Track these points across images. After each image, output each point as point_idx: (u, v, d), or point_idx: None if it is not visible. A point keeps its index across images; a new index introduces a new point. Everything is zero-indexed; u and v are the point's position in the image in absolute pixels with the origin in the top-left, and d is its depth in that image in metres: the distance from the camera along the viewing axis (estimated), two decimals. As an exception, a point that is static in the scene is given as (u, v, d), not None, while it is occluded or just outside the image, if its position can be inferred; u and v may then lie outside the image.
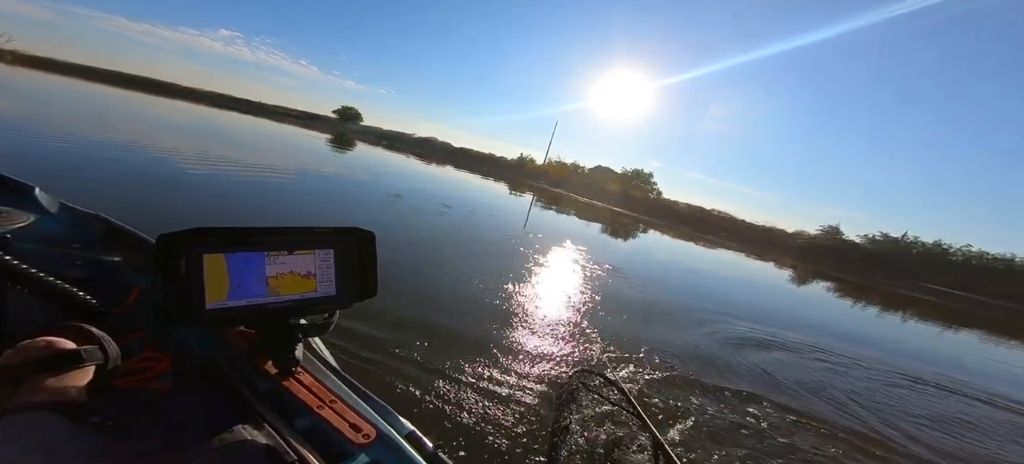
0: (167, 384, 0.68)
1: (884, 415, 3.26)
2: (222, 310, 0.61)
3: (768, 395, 3.03)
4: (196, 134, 12.93)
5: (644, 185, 50.83)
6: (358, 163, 15.90)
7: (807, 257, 29.19)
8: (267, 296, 0.65)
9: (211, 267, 0.60)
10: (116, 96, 22.38)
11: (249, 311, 0.64)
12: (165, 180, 5.58)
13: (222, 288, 0.61)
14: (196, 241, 0.59)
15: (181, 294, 0.58)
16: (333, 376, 0.72)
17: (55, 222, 1.08)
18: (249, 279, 0.63)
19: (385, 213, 7.01)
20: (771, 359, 3.92)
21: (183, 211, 4.37)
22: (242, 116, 32.63)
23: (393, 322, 2.75)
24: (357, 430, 0.59)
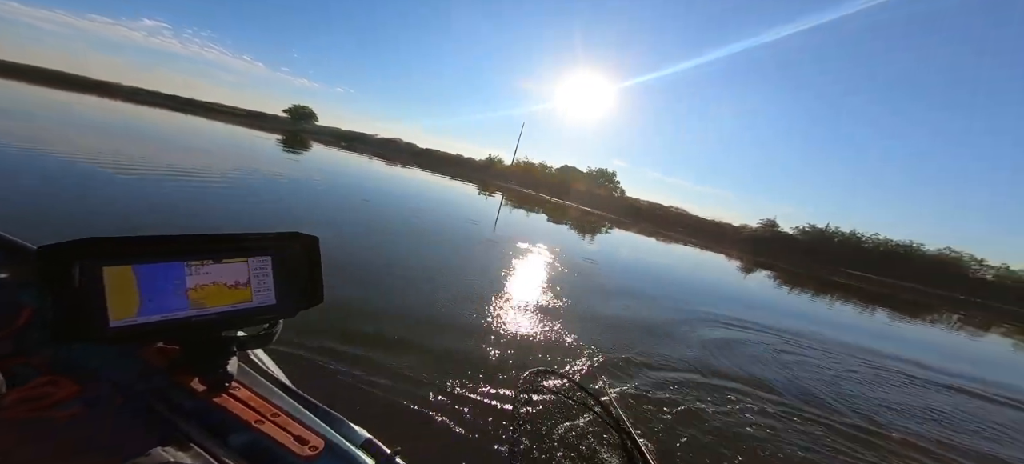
0: (72, 411, 0.61)
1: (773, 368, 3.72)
2: (130, 327, 0.56)
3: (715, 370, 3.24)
4: (112, 133, 11.24)
5: (608, 184, 53.09)
6: (314, 165, 14.79)
7: (750, 248, 32.22)
8: (189, 309, 0.60)
9: (115, 280, 0.55)
10: (9, 89, 18.72)
11: (166, 326, 0.59)
12: (72, 187, 4.77)
13: (130, 303, 0.56)
14: (91, 252, 0.53)
15: (76, 311, 0.53)
16: (277, 389, 0.67)
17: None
18: (164, 292, 0.58)
19: (352, 219, 6.56)
20: (726, 338, 4.24)
21: (93, 220, 3.76)
22: (172, 114, 29.05)
23: (358, 331, 2.61)
24: (303, 442, 0.56)
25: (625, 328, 4.03)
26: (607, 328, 3.85)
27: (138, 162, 7.44)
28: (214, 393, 0.63)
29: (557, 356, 2.94)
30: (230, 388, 0.65)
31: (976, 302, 27.21)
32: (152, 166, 7.25)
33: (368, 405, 1.94)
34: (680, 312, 5.28)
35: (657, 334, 4.05)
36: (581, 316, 4.07)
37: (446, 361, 2.52)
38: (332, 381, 2.04)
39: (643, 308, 5.07)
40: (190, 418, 0.60)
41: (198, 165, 8.50)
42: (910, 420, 3.36)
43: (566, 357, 2.97)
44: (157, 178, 6.37)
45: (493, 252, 6.56)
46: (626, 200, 47.71)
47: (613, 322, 4.13)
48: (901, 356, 5.69)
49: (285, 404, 0.64)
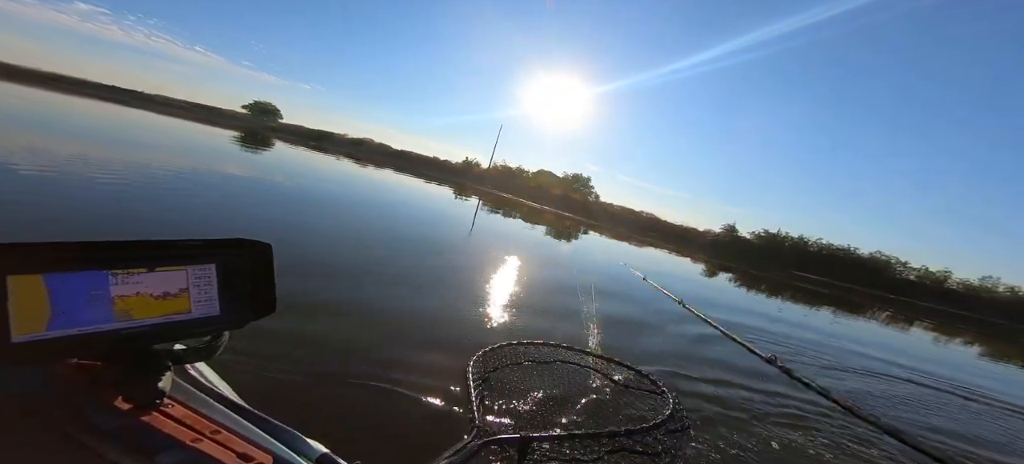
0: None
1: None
2: (39, 342, 0.52)
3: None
4: (31, 126, 9.87)
5: (583, 189, 54.52)
6: (279, 165, 13.87)
7: (714, 252, 34.40)
8: (113, 321, 0.56)
9: (21, 291, 0.51)
10: None
11: (83, 340, 0.54)
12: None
13: (38, 316, 0.52)
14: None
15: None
16: (219, 405, 0.63)
17: None
18: (81, 303, 0.54)
19: (319, 221, 6.19)
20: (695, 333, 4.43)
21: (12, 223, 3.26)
22: (105, 105, 26.08)
23: (326, 339, 2.39)
24: (247, 459, 0.53)
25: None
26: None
27: (60, 159, 6.58)
28: (142, 411, 0.59)
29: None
30: (162, 405, 0.60)
31: (902, 300, 30.72)
32: (82, 164, 6.44)
33: (327, 419, 1.72)
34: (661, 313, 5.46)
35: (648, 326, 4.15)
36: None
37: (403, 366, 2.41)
38: (286, 393, 1.81)
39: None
40: (111, 440, 0.54)
41: (135, 164, 7.67)
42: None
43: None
44: (84, 178, 5.63)
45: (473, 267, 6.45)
46: (601, 205, 49.22)
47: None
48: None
49: (228, 420, 0.60)
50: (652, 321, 5.18)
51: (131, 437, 0.56)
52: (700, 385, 2.70)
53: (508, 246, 8.91)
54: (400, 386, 1.95)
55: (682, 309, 6.29)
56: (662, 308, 6.27)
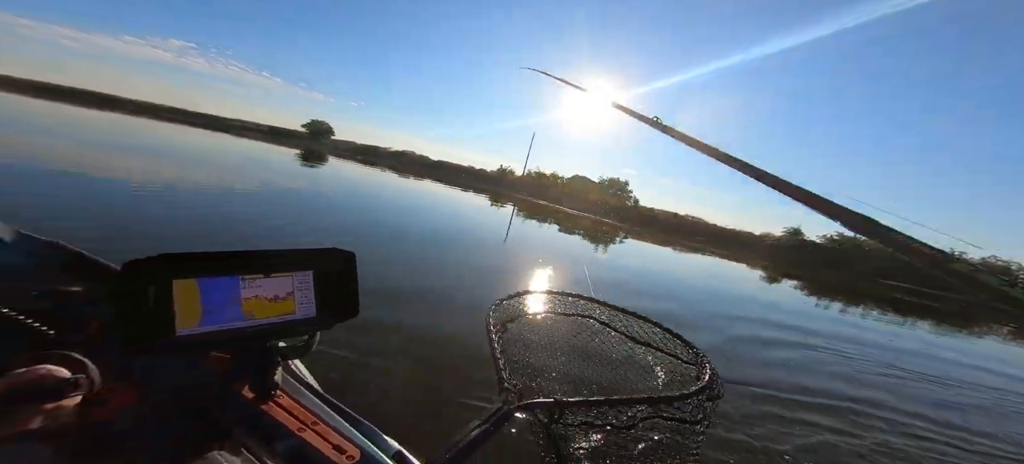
0: (133, 416, 0.67)
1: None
2: (194, 336, 0.60)
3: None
4: (159, 154, 11.78)
5: (621, 193, 52.42)
6: (341, 181, 15.12)
7: (774, 257, 30.93)
8: (243, 320, 0.64)
9: (182, 293, 0.59)
10: (62, 113, 20.20)
11: (223, 336, 0.63)
12: (131, 205, 5.03)
13: (194, 314, 0.60)
14: (165, 267, 0.58)
15: (147, 321, 0.57)
16: (315, 398, 0.70)
17: (12, 251, 1.07)
18: (223, 304, 0.63)
19: (380, 230, 6.61)
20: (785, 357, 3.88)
21: (150, 237, 3.92)
22: (203, 132, 30.61)
23: (387, 340, 2.59)
24: (341, 451, 0.59)
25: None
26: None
27: (189, 183, 7.72)
28: (262, 400, 0.66)
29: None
30: (275, 396, 0.68)
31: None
32: (196, 185, 7.51)
33: (396, 416, 1.90)
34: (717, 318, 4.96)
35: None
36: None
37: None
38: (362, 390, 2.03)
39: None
40: (241, 424, 0.63)
41: (231, 183, 8.76)
42: None
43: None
44: (198, 195, 6.60)
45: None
46: (640, 210, 46.88)
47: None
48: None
49: (323, 413, 0.67)
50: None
51: (254, 422, 0.63)
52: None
53: (540, 253, 8.75)
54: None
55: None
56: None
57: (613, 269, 8.36)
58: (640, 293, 6.10)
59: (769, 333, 5.18)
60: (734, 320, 5.52)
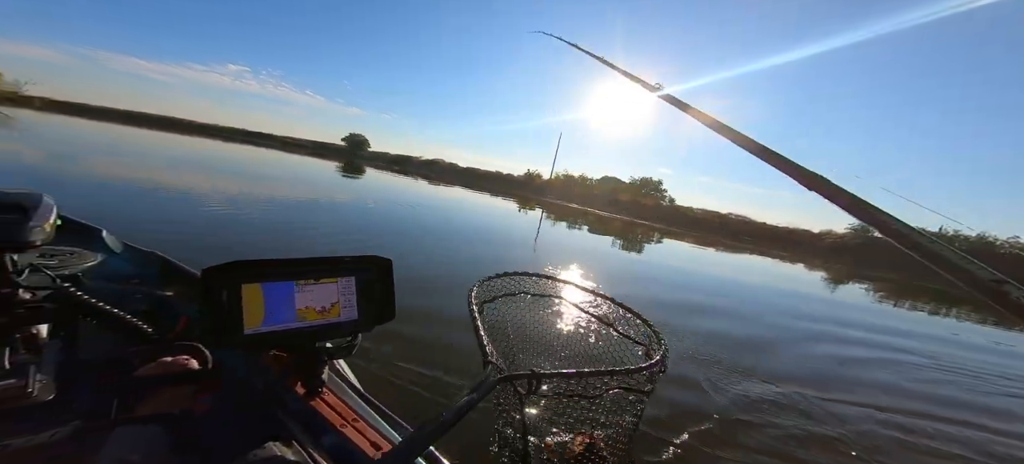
0: (211, 402, 0.75)
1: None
2: (257, 335, 0.66)
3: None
4: (224, 171, 12.98)
5: (655, 193, 49.91)
6: (377, 190, 15.85)
7: (838, 257, 27.55)
8: (296, 321, 0.70)
9: (248, 296, 0.66)
10: (141, 137, 23.38)
11: (281, 335, 0.69)
12: (205, 216, 5.59)
13: (258, 315, 0.66)
14: (236, 273, 0.65)
15: (222, 320, 0.63)
16: (356, 396, 0.75)
17: (120, 260, 1.24)
18: (281, 306, 0.68)
19: (416, 238, 6.72)
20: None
21: (220, 245, 4.28)
22: (257, 149, 33.83)
23: (418, 341, 2.60)
24: (377, 448, 0.62)
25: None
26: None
27: (246, 195, 8.43)
28: (311, 397, 0.72)
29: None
30: (322, 393, 0.73)
31: None
32: (257, 197, 8.15)
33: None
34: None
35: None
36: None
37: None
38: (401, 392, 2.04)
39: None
40: (293, 417, 0.69)
41: (282, 195, 9.38)
42: None
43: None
44: (259, 205, 7.15)
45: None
46: (677, 209, 44.23)
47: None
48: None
49: (362, 410, 0.72)
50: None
51: (305, 417, 0.69)
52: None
53: (568, 256, 8.38)
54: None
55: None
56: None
57: (647, 278, 7.75)
58: (690, 310, 5.52)
59: (857, 351, 4.42)
60: (809, 334, 4.79)
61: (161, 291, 1.07)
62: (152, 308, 0.97)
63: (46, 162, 8.51)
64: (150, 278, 1.14)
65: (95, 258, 1.15)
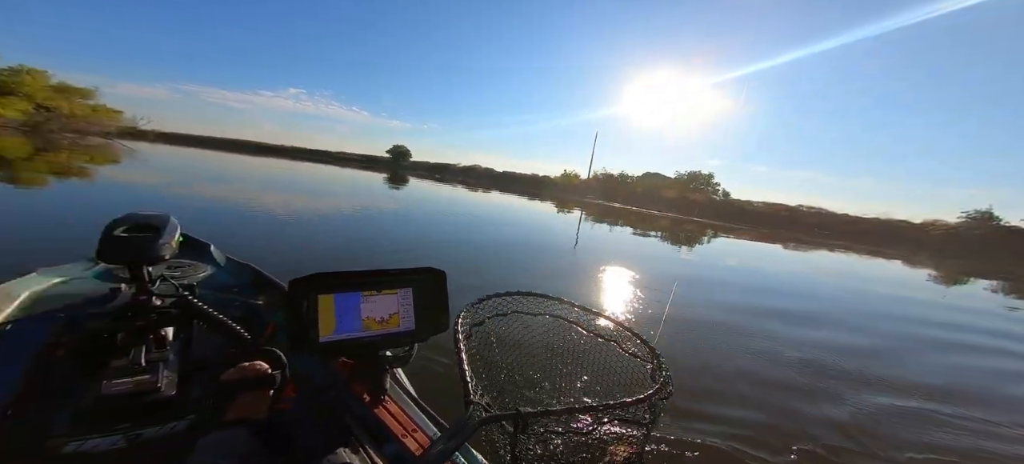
0: (290, 405, 0.78)
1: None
2: (330, 343, 0.71)
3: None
4: (299, 189, 14.44)
5: (705, 187, 45.84)
6: (420, 199, 16.59)
7: (948, 251, 22.80)
8: (361, 331, 0.74)
9: (323, 306, 0.70)
10: (228, 160, 27.12)
11: (349, 344, 0.73)
12: (275, 230, 6.14)
13: (330, 323, 0.71)
14: (314, 284, 0.70)
15: (304, 328, 0.69)
16: (414, 406, 0.78)
17: (223, 272, 1.37)
18: (349, 316, 0.73)
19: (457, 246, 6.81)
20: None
21: (290, 257, 4.60)
22: (316, 165, 37.54)
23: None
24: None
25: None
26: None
27: (310, 209, 9.29)
28: (375, 404, 0.76)
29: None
30: (384, 401, 0.77)
31: None
32: (321, 211, 8.94)
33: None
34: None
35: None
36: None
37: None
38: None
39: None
40: (359, 423, 0.73)
41: (336, 207, 10.15)
42: None
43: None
44: (324, 219, 7.81)
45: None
46: (732, 203, 40.16)
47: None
48: None
49: (420, 420, 0.74)
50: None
51: (369, 424, 0.72)
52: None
53: (616, 259, 7.86)
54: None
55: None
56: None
57: (713, 282, 6.93)
58: (778, 316, 4.81)
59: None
60: (942, 343, 3.84)
61: (253, 300, 1.18)
62: (246, 315, 1.06)
63: (160, 185, 10.14)
64: (245, 288, 1.26)
65: (206, 270, 1.30)
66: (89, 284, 1.16)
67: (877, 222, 29.80)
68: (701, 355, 2.92)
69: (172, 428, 0.70)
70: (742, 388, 2.46)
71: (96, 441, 0.65)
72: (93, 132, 33.54)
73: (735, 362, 2.88)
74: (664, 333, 3.12)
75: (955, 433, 2.24)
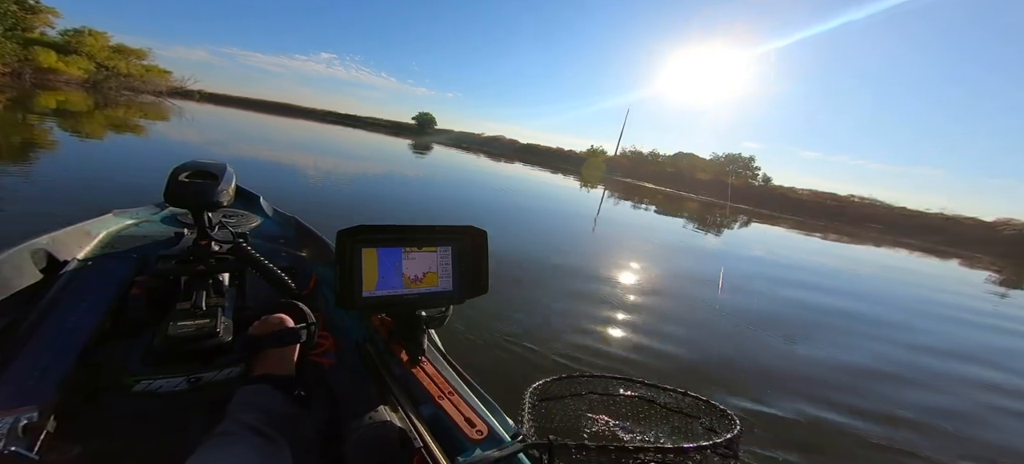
0: (331, 361, 0.81)
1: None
2: (372, 298, 0.70)
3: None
4: (328, 151, 15.05)
5: (744, 171, 42.68)
6: (446, 166, 16.77)
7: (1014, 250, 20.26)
8: (402, 288, 0.72)
9: (367, 260, 0.69)
10: (269, 121, 28.18)
11: (389, 301, 0.72)
12: (312, 186, 6.53)
13: (373, 279, 0.69)
14: (360, 236, 0.69)
15: (349, 282, 0.67)
16: (450, 369, 0.76)
17: (271, 223, 1.41)
18: (390, 272, 0.71)
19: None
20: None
21: (331, 212, 4.83)
22: (348, 130, 38.46)
23: (500, 318, 2.41)
24: (471, 425, 0.62)
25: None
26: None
27: (343, 170, 9.77)
28: (413, 365, 0.74)
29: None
30: (421, 362, 0.75)
31: None
32: (348, 172, 9.43)
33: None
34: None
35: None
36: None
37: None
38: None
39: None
40: (398, 383, 0.70)
41: (369, 170, 10.57)
42: None
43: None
44: (354, 180, 8.17)
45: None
46: (772, 190, 37.37)
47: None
48: None
49: (456, 384, 0.71)
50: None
51: (407, 384, 0.70)
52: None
53: (639, 246, 7.70)
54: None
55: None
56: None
57: (757, 277, 6.67)
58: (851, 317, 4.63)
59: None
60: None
61: (297, 251, 1.21)
62: (292, 265, 1.06)
63: (209, 142, 10.94)
64: (290, 239, 1.28)
65: (257, 220, 1.35)
66: (157, 227, 1.22)
67: (941, 218, 26.74)
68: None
69: (228, 374, 0.71)
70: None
71: (161, 382, 0.67)
72: (147, 90, 35.80)
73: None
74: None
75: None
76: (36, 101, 13.51)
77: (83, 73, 30.38)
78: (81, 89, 27.05)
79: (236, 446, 0.44)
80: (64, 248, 0.96)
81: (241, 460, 0.43)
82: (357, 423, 0.61)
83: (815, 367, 2.55)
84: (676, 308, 3.32)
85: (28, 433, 0.51)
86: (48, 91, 19.63)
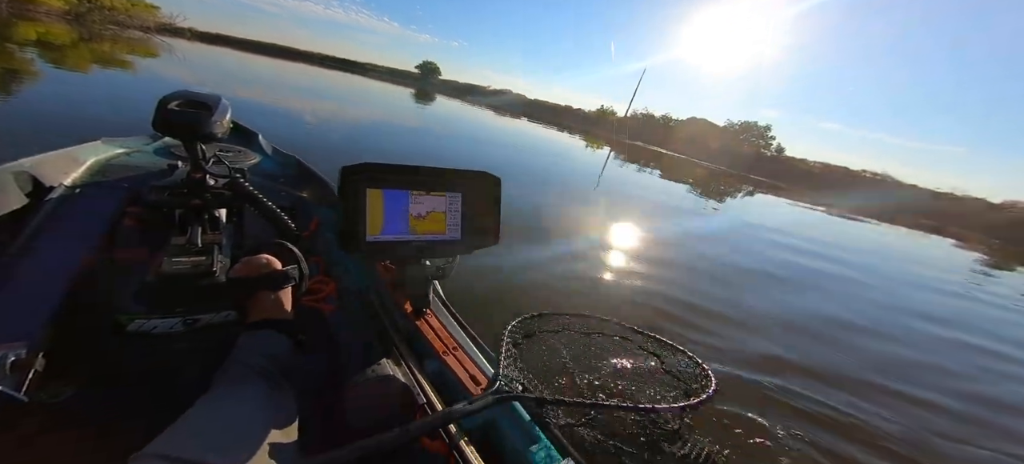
0: (332, 306, 0.78)
1: None
2: (376, 243, 0.66)
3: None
4: (326, 96, 14.44)
5: (760, 140, 41.07)
6: (449, 118, 16.18)
7: (1015, 235, 20.18)
8: (408, 233, 0.68)
9: (372, 201, 0.65)
10: (266, 64, 26.45)
11: (394, 246, 0.68)
12: (312, 129, 6.42)
13: (378, 222, 0.66)
14: (365, 175, 0.65)
15: (352, 223, 0.64)
16: (454, 323, 0.74)
17: (270, 161, 1.36)
18: (396, 215, 0.67)
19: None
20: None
21: (333, 154, 4.73)
22: (347, 75, 36.41)
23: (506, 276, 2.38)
24: (475, 382, 0.62)
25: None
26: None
27: (341, 116, 9.46)
28: (417, 317, 0.72)
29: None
30: (425, 315, 0.73)
31: None
32: (352, 119, 9.11)
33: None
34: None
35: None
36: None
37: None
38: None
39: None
40: (401, 335, 0.68)
41: (364, 116, 10.23)
42: None
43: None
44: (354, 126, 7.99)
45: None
46: (781, 160, 36.30)
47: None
48: None
49: (460, 339, 0.70)
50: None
51: (411, 337, 0.68)
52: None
53: (641, 204, 7.67)
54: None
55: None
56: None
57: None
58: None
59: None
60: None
61: (298, 192, 1.16)
62: (293, 205, 1.03)
63: (204, 80, 10.48)
64: (290, 179, 1.24)
65: (255, 157, 1.30)
66: (149, 158, 1.15)
67: (950, 197, 26.33)
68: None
69: (226, 316, 0.67)
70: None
71: (156, 322, 0.63)
72: (133, 25, 33.72)
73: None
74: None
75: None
76: (14, 31, 12.67)
77: (64, 3, 28.46)
78: (62, 21, 25.32)
79: (249, 389, 0.44)
80: (50, 173, 0.88)
81: (256, 403, 0.42)
82: (359, 376, 0.58)
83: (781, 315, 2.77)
84: (664, 255, 3.50)
85: (16, 371, 0.49)
86: (27, 21, 18.38)
